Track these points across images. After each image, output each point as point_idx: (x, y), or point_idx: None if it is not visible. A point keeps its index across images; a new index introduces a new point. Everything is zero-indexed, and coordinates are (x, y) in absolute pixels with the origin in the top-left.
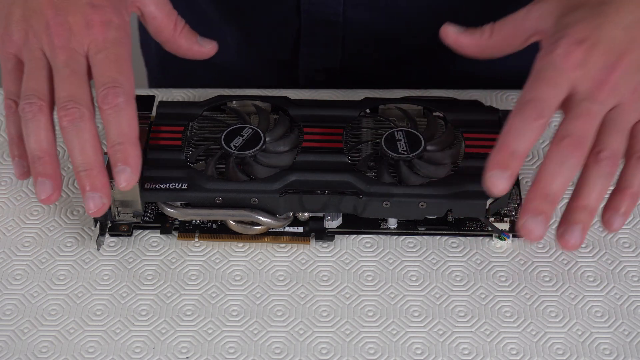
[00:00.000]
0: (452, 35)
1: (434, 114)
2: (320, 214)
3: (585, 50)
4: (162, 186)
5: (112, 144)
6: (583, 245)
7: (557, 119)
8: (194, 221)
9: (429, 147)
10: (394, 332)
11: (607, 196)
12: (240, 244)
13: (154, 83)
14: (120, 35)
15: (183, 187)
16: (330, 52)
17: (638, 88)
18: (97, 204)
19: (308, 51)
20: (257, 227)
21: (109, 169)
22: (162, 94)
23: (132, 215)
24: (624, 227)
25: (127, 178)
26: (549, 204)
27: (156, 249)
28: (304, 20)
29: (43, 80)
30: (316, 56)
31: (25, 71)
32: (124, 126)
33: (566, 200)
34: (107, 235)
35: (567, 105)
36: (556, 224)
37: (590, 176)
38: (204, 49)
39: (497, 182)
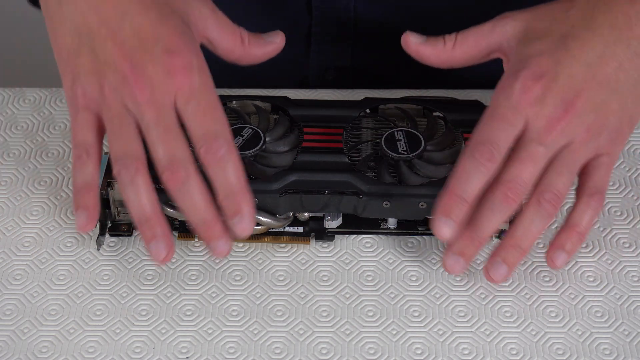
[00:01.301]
0: (413, 45)
1: (434, 114)
2: (320, 214)
3: (543, 86)
4: (162, 186)
5: (223, 197)
6: (583, 245)
7: None
8: None
9: (429, 147)
10: (394, 332)
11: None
12: (240, 244)
13: None
14: (204, 78)
15: None
16: (341, 49)
17: (591, 127)
18: (222, 250)
19: (319, 49)
20: (257, 227)
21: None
22: None
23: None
24: (624, 227)
25: (245, 227)
26: (475, 246)
27: None
28: (315, 18)
29: (132, 138)
30: (327, 54)
31: (109, 131)
32: (231, 177)
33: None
34: (107, 235)
35: (516, 144)
36: (555, 223)
37: (529, 216)
38: (276, 42)
39: (443, 228)
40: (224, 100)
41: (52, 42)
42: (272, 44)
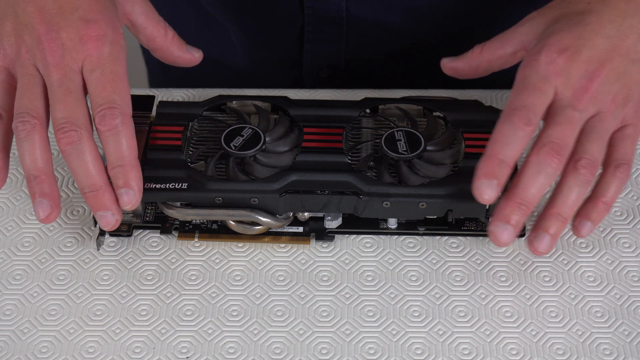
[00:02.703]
0: (448, 64)
1: (434, 114)
2: (320, 214)
3: (567, 59)
4: (162, 186)
5: (113, 167)
6: (583, 245)
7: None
8: (194, 221)
9: (429, 147)
10: (394, 332)
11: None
12: (240, 244)
13: (154, 83)
14: (115, 50)
15: (183, 187)
16: (334, 48)
17: (617, 96)
18: (109, 221)
19: (312, 48)
20: (257, 227)
21: None
22: (162, 94)
23: (132, 215)
24: (624, 227)
25: (130, 200)
26: (522, 212)
27: (156, 249)
28: (308, 17)
29: (36, 97)
30: (320, 53)
31: (18, 87)
32: (123, 148)
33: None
34: (107, 235)
35: (549, 112)
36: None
37: (567, 184)
38: (194, 56)
39: (486, 191)
40: (225, 100)
41: None
42: (190, 54)
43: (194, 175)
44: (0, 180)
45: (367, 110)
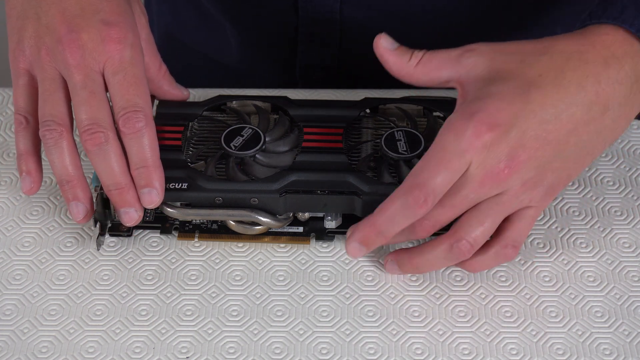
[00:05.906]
0: (381, 48)
1: (434, 114)
2: (320, 214)
3: (494, 136)
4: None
5: (136, 167)
6: (583, 245)
7: None
8: (194, 221)
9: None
10: (394, 332)
11: None
12: (240, 244)
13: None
14: (136, 54)
15: (183, 187)
16: (327, 50)
17: (528, 182)
18: (132, 217)
19: (305, 49)
20: (257, 227)
21: None
22: None
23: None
24: (624, 227)
25: (152, 199)
26: (379, 242)
27: (156, 249)
28: (301, 18)
29: (60, 102)
30: (313, 54)
31: (40, 92)
32: (146, 150)
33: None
34: (107, 235)
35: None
36: (555, 224)
37: (437, 254)
38: (182, 94)
39: (356, 253)
40: (225, 100)
41: (6, 5)
42: (178, 91)
43: (194, 175)
44: (36, 183)
45: (367, 110)
